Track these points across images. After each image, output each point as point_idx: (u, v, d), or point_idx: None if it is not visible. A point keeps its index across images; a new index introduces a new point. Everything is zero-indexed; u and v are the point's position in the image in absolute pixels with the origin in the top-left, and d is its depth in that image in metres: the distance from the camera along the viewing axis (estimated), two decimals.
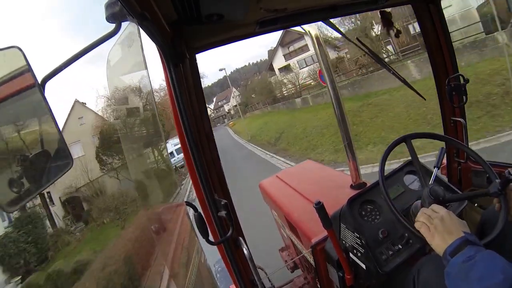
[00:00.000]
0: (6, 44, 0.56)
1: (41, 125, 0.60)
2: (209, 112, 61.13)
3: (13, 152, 0.56)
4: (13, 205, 0.52)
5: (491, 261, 0.66)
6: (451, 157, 1.47)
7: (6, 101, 0.55)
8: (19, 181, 0.54)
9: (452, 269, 0.70)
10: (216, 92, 79.13)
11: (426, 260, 1.03)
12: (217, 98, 71.05)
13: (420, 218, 0.86)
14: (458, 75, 1.33)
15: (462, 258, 0.69)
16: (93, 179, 16.86)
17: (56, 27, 62.76)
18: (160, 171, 1.31)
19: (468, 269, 0.66)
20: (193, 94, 1.08)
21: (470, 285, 0.64)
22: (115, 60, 0.90)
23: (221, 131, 36.72)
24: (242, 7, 0.90)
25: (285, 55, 31.77)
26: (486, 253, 0.69)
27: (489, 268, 0.64)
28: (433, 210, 0.85)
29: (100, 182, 17.25)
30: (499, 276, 0.61)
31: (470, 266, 0.66)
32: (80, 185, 16.49)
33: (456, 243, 0.73)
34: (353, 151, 1.86)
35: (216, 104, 69.22)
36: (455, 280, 0.69)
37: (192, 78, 1.08)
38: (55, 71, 0.61)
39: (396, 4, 1.39)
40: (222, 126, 49.65)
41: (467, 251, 0.70)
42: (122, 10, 0.66)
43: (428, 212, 0.86)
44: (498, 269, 0.63)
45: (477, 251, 0.69)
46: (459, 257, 0.70)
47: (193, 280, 1.42)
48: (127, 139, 1.18)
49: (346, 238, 1.21)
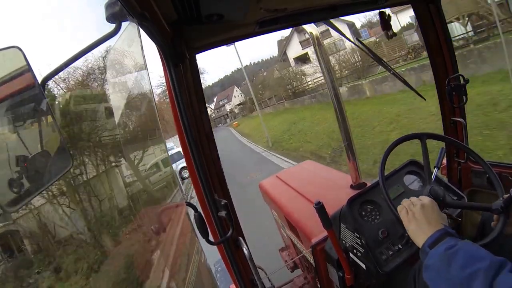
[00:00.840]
0: (6, 44, 0.56)
1: (41, 125, 0.60)
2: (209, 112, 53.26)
3: (13, 152, 0.56)
4: (13, 205, 0.52)
5: (473, 248, 0.64)
6: (451, 157, 1.47)
7: (6, 101, 0.55)
8: (19, 181, 0.54)
9: (432, 260, 0.68)
10: (216, 92, 77.17)
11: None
12: (218, 98, 67.85)
13: (404, 203, 0.87)
14: (458, 75, 1.33)
15: (444, 247, 0.67)
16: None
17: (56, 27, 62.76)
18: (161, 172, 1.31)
19: (450, 258, 0.64)
20: (193, 94, 1.08)
21: (454, 273, 0.61)
22: (115, 60, 0.90)
23: (224, 133, 29.54)
24: (242, 7, 0.90)
25: (302, 42, 26.25)
26: (466, 242, 0.67)
27: (473, 254, 0.62)
28: (418, 199, 0.85)
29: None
30: (485, 261, 0.59)
31: (452, 254, 0.64)
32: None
33: (436, 235, 0.72)
34: (353, 151, 1.86)
35: (217, 103, 65.91)
36: (436, 271, 0.66)
37: (192, 78, 1.08)
38: (55, 71, 0.61)
39: (396, 4, 1.39)
40: (223, 127, 44.35)
41: (448, 241, 0.68)
42: (122, 10, 0.66)
43: (412, 199, 0.86)
44: (482, 254, 0.62)
45: (457, 241, 0.68)
46: (440, 246, 0.68)
47: (193, 280, 1.42)
48: (127, 139, 1.19)
49: (346, 238, 1.21)
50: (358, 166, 1.88)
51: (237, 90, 61.95)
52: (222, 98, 64.92)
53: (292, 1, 1.01)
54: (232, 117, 56.27)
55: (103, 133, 5.55)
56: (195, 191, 1.02)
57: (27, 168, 0.56)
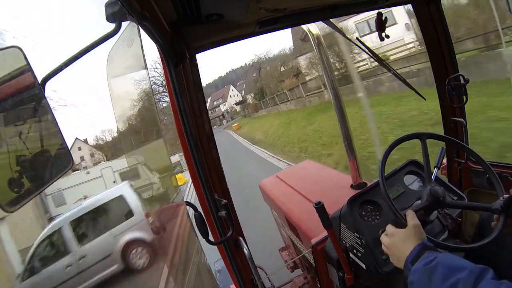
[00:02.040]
0: (6, 44, 0.56)
1: (41, 125, 0.60)
2: None
3: (13, 152, 0.56)
4: (13, 205, 0.52)
5: (451, 259, 0.66)
6: (451, 157, 1.47)
7: (6, 101, 0.55)
8: (19, 181, 0.54)
9: (415, 276, 0.69)
10: (211, 93, 74.30)
11: None
12: (212, 98, 63.58)
13: (382, 247, 0.88)
14: (458, 75, 1.33)
15: (423, 262, 0.69)
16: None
17: (56, 27, 62.87)
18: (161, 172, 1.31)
19: (430, 272, 0.65)
20: (193, 93, 1.08)
21: (435, 287, 0.63)
22: (115, 60, 0.90)
23: (223, 138, 21.72)
24: (242, 7, 0.90)
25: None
26: (445, 254, 0.69)
27: (452, 266, 0.63)
28: (385, 234, 0.88)
29: None
30: (464, 271, 0.60)
31: (432, 268, 0.66)
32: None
33: (416, 250, 0.73)
34: (353, 151, 1.86)
35: (211, 104, 61.25)
36: (419, 286, 0.67)
37: (192, 78, 1.08)
38: (55, 71, 0.61)
39: (396, 4, 1.39)
40: (220, 129, 36.73)
41: (426, 256, 0.70)
42: (122, 10, 0.66)
43: (382, 239, 0.88)
44: (461, 264, 0.63)
45: (436, 254, 0.69)
46: (420, 262, 0.70)
47: (193, 280, 1.42)
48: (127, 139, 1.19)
49: (346, 238, 1.21)
50: (358, 166, 1.88)
51: (233, 89, 59.82)
52: (217, 98, 61.66)
53: (292, 1, 1.01)
54: (229, 118, 51.76)
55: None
56: (195, 191, 1.02)
57: (27, 168, 0.56)
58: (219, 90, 67.76)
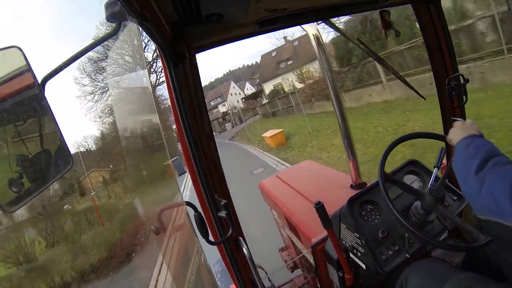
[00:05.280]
0: (6, 44, 0.56)
1: (41, 125, 0.60)
2: None
3: (13, 152, 0.56)
4: (13, 205, 0.52)
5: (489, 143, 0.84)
6: (451, 157, 1.47)
7: (6, 101, 0.55)
8: (19, 181, 0.54)
9: (461, 145, 0.89)
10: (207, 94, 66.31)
11: (415, 266, 1.03)
12: (208, 97, 50.63)
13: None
14: (458, 75, 1.33)
15: (470, 139, 0.88)
16: None
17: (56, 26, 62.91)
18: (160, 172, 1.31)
19: (470, 143, 0.86)
20: (193, 93, 1.09)
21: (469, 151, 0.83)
22: (115, 59, 0.90)
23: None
24: (242, 7, 0.90)
25: None
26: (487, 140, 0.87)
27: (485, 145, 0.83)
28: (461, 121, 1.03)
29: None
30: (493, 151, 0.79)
31: (474, 142, 0.86)
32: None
33: (469, 136, 0.90)
34: (353, 151, 1.86)
35: (208, 104, 50.96)
36: (458, 150, 0.89)
37: (192, 78, 1.08)
38: (55, 71, 0.61)
39: (396, 4, 1.39)
40: (223, 139, 22.97)
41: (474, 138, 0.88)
42: (122, 10, 0.66)
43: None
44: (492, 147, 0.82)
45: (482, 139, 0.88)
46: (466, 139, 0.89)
47: (193, 280, 1.42)
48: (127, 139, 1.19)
49: (346, 238, 1.21)
50: (358, 166, 1.88)
51: (234, 86, 50.79)
52: (214, 97, 50.36)
53: (292, 1, 1.01)
54: (235, 121, 34.83)
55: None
56: (195, 191, 1.02)
57: (27, 168, 0.56)
58: (216, 88, 57.15)
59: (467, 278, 0.85)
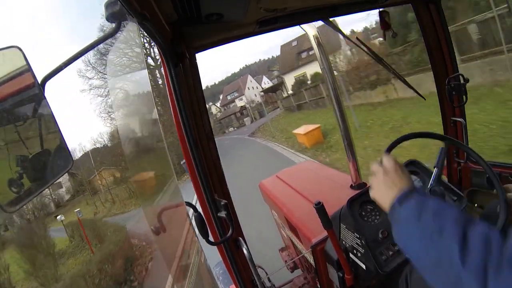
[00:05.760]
0: (6, 44, 0.56)
1: (41, 125, 0.60)
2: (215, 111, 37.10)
3: (13, 152, 0.56)
4: (13, 205, 0.52)
5: (441, 201, 0.61)
6: (451, 157, 1.47)
7: (6, 101, 0.55)
8: (19, 181, 0.54)
9: (403, 214, 0.62)
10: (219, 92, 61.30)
11: None
12: (224, 91, 49.33)
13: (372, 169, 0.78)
14: (458, 75, 1.33)
15: (415, 200, 0.62)
16: None
17: (56, 26, 62.92)
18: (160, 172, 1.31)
19: (421, 208, 0.59)
20: (193, 94, 1.09)
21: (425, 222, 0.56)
22: (115, 59, 0.90)
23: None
24: (242, 7, 0.90)
25: None
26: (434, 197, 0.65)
27: (442, 205, 0.58)
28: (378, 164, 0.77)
29: None
30: (455, 210, 0.55)
31: (424, 203, 0.59)
32: None
33: (406, 192, 0.65)
34: (353, 151, 1.86)
35: (224, 99, 47.44)
36: (405, 224, 0.61)
37: (192, 77, 1.08)
38: (55, 71, 0.61)
39: (396, 4, 1.39)
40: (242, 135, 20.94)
41: (416, 196, 0.63)
42: (122, 10, 0.66)
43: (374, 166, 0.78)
44: (451, 205, 0.60)
45: (426, 195, 0.65)
46: (411, 200, 0.62)
47: (193, 280, 1.42)
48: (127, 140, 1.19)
49: (346, 238, 1.21)
50: (358, 166, 1.88)
51: (251, 80, 47.10)
52: (231, 92, 47.42)
53: (292, 1, 1.02)
54: (254, 115, 31.38)
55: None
56: (195, 191, 1.02)
57: (27, 168, 0.56)
58: (232, 83, 53.87)
59: None
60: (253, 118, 31.84)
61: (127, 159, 1.33)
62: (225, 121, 36.84)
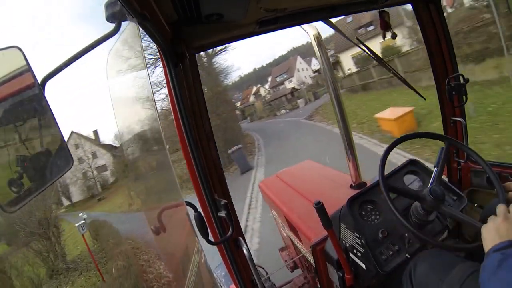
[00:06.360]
0: (6, 44, 0.56)
1: (41, 125, 0.60)
2: (264, 93, 35.84)
3: (13, 152, 0.56)
4: (13, 205, 0.52)
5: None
6: (451, 157, 1.47)
7: (6, 101, 0.55)
8: (19, 181, 0.54)
9: (489, 262, 0.71)
10: (267, 74, 54.94)
11: (423, 255, 1.04)
12: (274, 72, 47.04)
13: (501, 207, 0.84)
14: (458, 75, 1.33)
15: (504, 252, 0.70)
16: None
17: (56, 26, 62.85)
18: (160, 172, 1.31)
19: (502, 261, 0.68)
20: (193, 94, 1.09)
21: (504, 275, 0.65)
22: (115, 60, 0.90)
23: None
24: (242, 7, 0.90)
25: None
26: None
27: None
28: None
29: None
30: None
31: (506, 257, 0.68)
32: None
33: (506, 243, 0.73)
34: (353, 151, 1.86)
35: (273, 80, 45.47)
36: (488, 272, 0.70)
37: (192, 78, 1.08)
38: (55, 71, 0.61)
39: (396, 4, 1.39)
40: (298, 118, 18.01)
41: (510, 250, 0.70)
42: (122, 10, 0.66)
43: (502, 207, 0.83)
44: None
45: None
46: (502, 252, 0.71)
47: (193, 280, 1.42)
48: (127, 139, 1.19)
49: (346, 238, 1.21)
50: (358, 166, 1.88)
51: (301, 61, 44.51)
52: (280, 73, 45.61)
53: (292, 1, 1.02)
54: (307, 99, 28.76)
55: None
56: (195, 191, 1.02)
57: (27, 168, 0.56)
58: (281, 64, 51.64)
59: (473, 265, 0.88)
60: (307, 100, 29.11)
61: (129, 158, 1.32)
62: (275, 103, 34.68)
